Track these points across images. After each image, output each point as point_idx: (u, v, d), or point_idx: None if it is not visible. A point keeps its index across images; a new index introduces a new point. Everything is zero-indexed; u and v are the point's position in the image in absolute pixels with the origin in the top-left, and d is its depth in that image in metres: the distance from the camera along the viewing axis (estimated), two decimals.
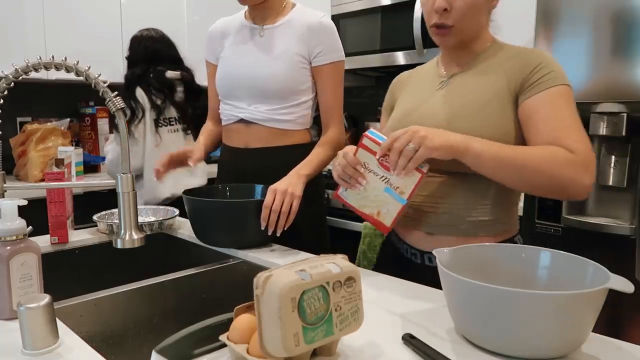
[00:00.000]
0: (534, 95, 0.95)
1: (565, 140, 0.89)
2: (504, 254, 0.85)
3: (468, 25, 1.01)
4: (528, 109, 0.95)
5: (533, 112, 0.94)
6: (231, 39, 1.49)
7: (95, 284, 1.07)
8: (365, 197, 1.01)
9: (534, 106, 0.94)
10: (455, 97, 1.04)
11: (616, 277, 0.68)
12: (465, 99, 1.02)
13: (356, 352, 0.71)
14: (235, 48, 1.47)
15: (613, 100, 1.56)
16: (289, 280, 0.60)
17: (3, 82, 1.01)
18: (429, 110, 1.05)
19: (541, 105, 0.93)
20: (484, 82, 1.01)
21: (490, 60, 1.04)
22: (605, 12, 1.57)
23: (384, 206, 1.00)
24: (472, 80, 1.04)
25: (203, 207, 1.22)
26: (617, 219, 1.62)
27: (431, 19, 1.02)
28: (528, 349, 0.67)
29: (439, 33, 1.02)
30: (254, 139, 1.44)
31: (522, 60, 0.99)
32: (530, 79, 0.96)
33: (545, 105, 0.93)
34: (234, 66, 1.45)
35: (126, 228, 0.93)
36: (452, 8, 0.98)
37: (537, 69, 0.96)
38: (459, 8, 0.98)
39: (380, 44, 2.51)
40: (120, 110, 0.92)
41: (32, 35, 2.44)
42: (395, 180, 0.97)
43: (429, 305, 0.88)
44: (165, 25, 2.97)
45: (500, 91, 0.98)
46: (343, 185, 1.02)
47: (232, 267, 1.17)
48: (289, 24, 1.42)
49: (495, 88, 0.99)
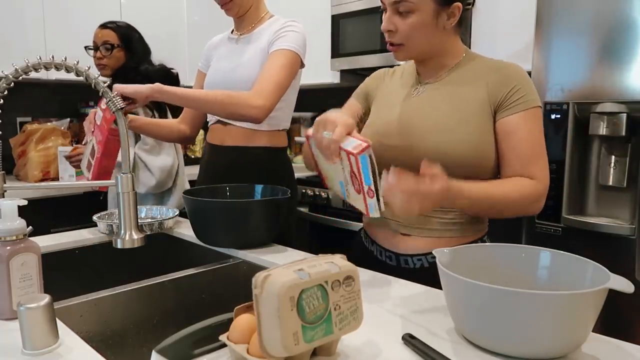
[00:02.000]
0: (513, 115, 1.01)
1: (533, 168, 1.00)
2: (504, 254, 0.85)
3: (416, 44, 1.04)
4: (507, 126, 1.02)
5: (511, 132, 1.01)
6: (219, 49, 1.63)
7: (95, 284, 1.07)
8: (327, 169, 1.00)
9: (513, 126, 1.01)
10: (429, 109, 1.06)
11: (616, 277, 0.68)
12: (440, 111, 1.05)
13: (356, 352, 0.71)
14: (217, 57, 1.62)
15: (613, 100, 1.56)
16: (287, 280, 0.60)
17: (3, 82, 1.01)
18: (406, 120, 1.08)
19: (519, 126, 1.01)
20: (462, 94, 1.05)
21: (466, 72, 1.07)
22: (605, 13, 1.57)
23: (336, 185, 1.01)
24: (447, 91, 1.07)
25: (203, 207, 1.22)
26: (617, 219, 1.62)
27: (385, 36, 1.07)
28: (528, 349, 0.67)
29: (390, 49, 1.08)
30: (229, 137, 1.57)
31: (504, 77, 1.03)
32: (510, 97, 1.02)
33: (523, 127, 1.01)
34: (213, 72, 1.60)
35: (126, 228, 0.93)
36: (397, 29, 1.03)
37: (516, 88, 1.02)
38: (403, 30, 1.03)
39: (381, 44, 2.51)
40: (120, 110, 0.92)
41: (32, 35, 2.43)
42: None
43: (429, 305, 0.88)
44: (165, 25, 2.98)
45: (481, 105, 1.03)
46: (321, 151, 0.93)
47: (232, 267, 1.17)
48: (261, 32, 1.53)
49: (475, 101, 1.03)
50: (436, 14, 1.02)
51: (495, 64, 1.07)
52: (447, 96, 1.06)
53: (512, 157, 1.01)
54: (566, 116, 1.65)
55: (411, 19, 1.01)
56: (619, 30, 1.54)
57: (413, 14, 1.01)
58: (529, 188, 0.99)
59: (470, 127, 1.02)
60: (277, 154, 1.59)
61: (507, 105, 1.02)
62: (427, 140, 1.03)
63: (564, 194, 1.67)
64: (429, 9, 1.01)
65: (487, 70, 1.05)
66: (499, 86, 1.02)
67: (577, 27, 1.63)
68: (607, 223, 1.59)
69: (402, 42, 1.04)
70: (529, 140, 1.01)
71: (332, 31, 2.71)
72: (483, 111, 1.03)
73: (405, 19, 1.02)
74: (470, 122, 1.02)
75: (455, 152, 1.01)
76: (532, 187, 0.99)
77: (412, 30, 1.02)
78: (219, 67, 1.59)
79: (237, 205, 1.21)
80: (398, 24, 1.03)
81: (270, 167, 1.57)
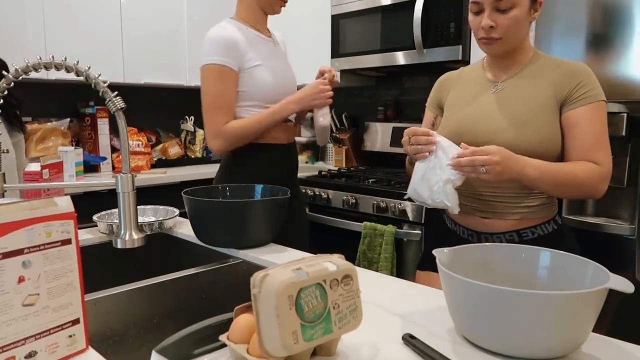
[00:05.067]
0: (577, 108, 1.11)
1: (597, 155, 1.10)
2: (504, 254, 0.85)
3: (512, 37, 1.14)
4: (571, 119, 1.12)
5: (575, 124, 1.11)
6: (257, 48, 1.60)
7: (95, 284, 1.07)
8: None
9: (577, 118, 1.11)
10: (508, 105, 1.17)
11: (616, 277, 0.68)
12: (517, 106, 1.15)
13: (356, 352, 0.71)
14: (264, 57, 1.60)
15: (613, 100, 1.56)
16: (285, 278, 0.60)
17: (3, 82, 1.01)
18: (483, 116, 1.19)
19: (582, 118, 1.11)
20: (533, 91, 1.15)
21: (535, 69, 1.18)
22: (605, 13, 1.57)
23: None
24: (521, 87, 1.17)
25: (203, 207, 1.22)
26: (617, 219, 1.62)
27: (479, 33, 1.16)
28: (528, 348, 0.67)
29: (486, 43, 1.16)
30: (292, 134, 1.70)
31: (568, 73, 1.13)
32: (575, 92, 1.12)
33: (586, 119, 1.11)
34: (271, 72, 1.60)
35: (126, 228, 0.93)
36: (497, 25, 1.12)
37: (581, 84, 1.12)
38: (504, 25, 1.12)
39: (380, 44, 2.51)
40: (120, 110, 0.92)
41: (32, 35, 2.44)
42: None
43: (429, 305, 0.89)
44: (166, 24, 2.98)
45: (549, 100, 1.13)
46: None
47: (232, 267, 1.17)
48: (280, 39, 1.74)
49: (544, 97, 1.14)
50: (530, 7, 1.13)
51: (560, 62, 1.17)
52: (521, 92, 1.16)
53: (577, 146, 1.11)
54: None
55: (512, 13, 1.11)
56: (618, 30, 1.54)
57: (514, 9, 1.11)
58: (593, 170, 1.09)
59: (540, 122, 1.12)
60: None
61: (572, 100, 1.12)
62: (502, 136, 1.13)
63: None
64: (525, 3, 1.12)
65: (554, 68, 1.15)
66: (565, 82, 1.12)
67: (577, 27, 1.63)
68: (607, 223, 1.59)
69: (501, 36, 1.13)
70: (592, 131, 1.10)
71: (332, 31, 2.71)
72: (551, 106, 1.13)
73: (506, 14, 1.11)
74: (540, 117, 1.12)
75: (525, 146, 1.10)
76: (597, 169, 1.09)
77: (514, 23, 1.12)
78: (275, 67, 1.61)
79: (237, 205, 1.21)
80: (498, 20, 1.12)
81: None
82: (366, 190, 2.29)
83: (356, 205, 2.30)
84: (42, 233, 0.66)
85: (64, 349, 0.69)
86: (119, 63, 2.79)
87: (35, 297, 0.65)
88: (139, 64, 2.87)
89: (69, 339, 0.69)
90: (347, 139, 3.03)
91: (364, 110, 3.14)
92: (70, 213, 0.70)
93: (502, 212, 1.17)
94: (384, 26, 2.50)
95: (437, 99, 1.34)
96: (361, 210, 2.29)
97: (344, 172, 2.65)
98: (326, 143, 1.70)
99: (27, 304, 0.64)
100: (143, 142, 2.95)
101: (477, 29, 1.16)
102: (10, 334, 0.62)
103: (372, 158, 2.99)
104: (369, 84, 3.07)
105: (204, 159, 3.34)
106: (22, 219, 0.64)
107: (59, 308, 0.68)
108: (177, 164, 3.17)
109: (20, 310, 0.64)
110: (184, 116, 3.35)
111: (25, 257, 0.64)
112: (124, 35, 2.79)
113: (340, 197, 2.37)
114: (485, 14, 1.13)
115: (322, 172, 2.68)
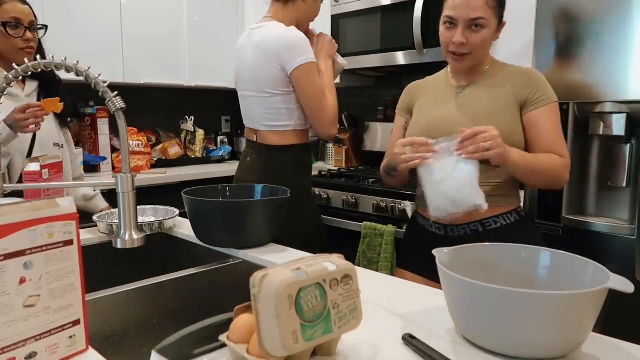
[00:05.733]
0: (537, 109, 1.26)
1: (558, 148, 1.25)
2: (504, 254, 0.85)
3: (479, 53, 1.27)
4: (532, 118, 1.26)
5: (536, 122, 1.26)
6: None
7: (95, 284, 1.07)
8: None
9: (536, 118, 1.26)
10: (471, 106, 1.29)
11: (616, 277, 0.68)
12: (480, 107, 1.28)
13: (356, 352, 0.71)
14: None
15: (613, 100, 1.56)
16: (285, 278, 0.60)
17: (3, 82, 1.01)
18: (448, 116, 1.30)
19: (542, 117, 1.25)
20: (494, 93, 1.28)
21: (495, 75, 1.31)
22: (605, 13, 1.57)
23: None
24: (483, 91, 1.30)
25: (203, 207, 1.22)
26: (617, 219, 1.62)
27: (449, 47, 1.27)
28: (528, 348, 0.67)
29: (456, 59, 1.28)
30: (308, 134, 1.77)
31: (527, 79, 1.28)
32: (534, 95, 1.26)
33: (545, 118, 1.25)
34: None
35: (126, 228, 0.93)
36: (468, 42, 1.24)
37: (538, 88, 1.26)
38: (474, 43, 1.24)
39: (380, 44, 2.51)
40: (120, 110, 0.92)
41: None
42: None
43: (429, 305, 0.89)
44: (165, 25, 2.98)
45: (509, 101, 1.27)
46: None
47: (232, 267, 1.17)
48: None
49: (504, 98, 1.27)
50: (496, 29, 1.27)
51: (518, 69, 1.31)
52: (482, 95, 1.29)
53: (540, 141, 1.25)
54: (566, 116, 1.65)
55: (482, 32, 1.24)
56: (618, 30, 1.54)
57: (484, 29, 1.24)
58: (558, 160, 1.24)
59: (502, 119, 1.24)
60: None
61: (532, 102, 1.26)
62: None
63: (564, 194, 1.67)
64: (494, 25, 1.25)
65: (512, 74, 1.30)
66: (524, 87, 1.27)
67: (576, 27, 1.63)
68: (607, 223, 1.59)
69: (470, 52, 1.26)
70: (552, 128, 1.25)
71: (332, 31, 2.70)
72: (511, 106, 1.26)
73: (477, 33, 1.24)
74: (501, 114, 1.25)
75: None
76: (560, 160, 1.24)
77: (482, 42, 1.25)
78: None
79: (237, 205, 1.21)
80: (470, 37, 1.24)
81: None
82: (366, 190, 2.29)
83: (356, 205, 2.30)
84: (44, 234, 0.66)
85: (64, 349, 0.69)
86: (119, 63, 2.79)
87: (37, 298, 0.65)
88: (139, 64, 2.87)
89: (70, 339, 0.69)
90: (347, 139, 3.03)
91: (364, 110, 3.14)
92: (72, 214, 0.70)
93: None
94: (384, 26, 2.50)
95: (407, 104, 1.45)
96: (361, 210, 2.29)
97: (344, 172, 2.65)
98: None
99: (28, 305, 0.64)
100: (143, 142, 2.95)
101: (448, 43, 1.26)
102: (10, 335, 0.62)
103: (372, 158, 2.99)
104: (369, 84, 3.07)
105: (204, 159, 3.34)
106: (24, 220, 0.64)
107: (59, 309, 0.68)
108: (177, 164, 3.17)
109: (21, 311, 0.64)
110: (184, 116, 3.35)
111: (27, 259, 0.64)
112: (124, 35, 2.79)
113: (340, 197, 2.37)
114: (458, 30, 1.23)
115: (322, 172, 2.68)
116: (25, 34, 1.65)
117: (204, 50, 3.14)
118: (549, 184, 1.28)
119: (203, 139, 3.38)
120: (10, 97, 1.62)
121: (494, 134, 1.10)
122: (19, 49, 1.64)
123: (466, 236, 1.28)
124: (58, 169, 1.48)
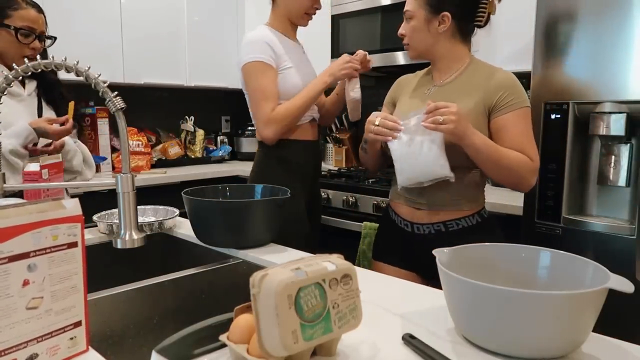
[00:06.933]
0: (505, 115, 1.26)
1: (527, 151, 1.25)
2: (504, 254, 0.85)
3: (415, 44, 1.36)
4: (499, 124, 1.26)
5: (503, 127, 1.26)
6: (291, 53, 1.71)
7: (95, 284, 1.07)
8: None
9: (504, 122, 1.26)
10: None
11: (616, 277, 0.68)
12: None
13: (356, 352, 0.71)
14: (296, 62, 1.72)
15: (613, 100, 1.56)
16: (284, 278, 0.60)
17: (3, 82, 1.01)
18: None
19: (509, 122, 1.25)
20: (461, 96, 1.29)
21: (470, 76, 1.33)
22: (605, 13, 1.57)
23: None
24: (450, 92, 1.32)
25: (203, 207, 1.22)
26: (617, 219, 1.62)
27: None
28: (528, 348, 0.68)
29: (405, 48, 1.40)
30: (316, 132, 1.83)
31: (497, 83, 1.27)
32: (502, 100, 1.26)
33: (513, 123, 1.25)
34: (303, 77, 1.71)
35: (126, 228, 0.93)
36: (405, 33, 1.36)
37: (508, 92, 1.26)
38: (407, 33, 1.36)
39: (380, 44, 2.51)
40: (120, 110, 0.92)
41: None
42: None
43: (429, 305, 0.89)
44: (165, 25, 2.98)
45: (476, 105, 1.27)
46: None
47: (232, 267, 1.17)
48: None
49: (471, 102, 1.27)
50: (427, 20, 1.32)
51: (494, 71, 1.31)
52: (449, 96, 1.30)
53: (505, 145, 1.24)
54: (566, 116, 1.65)
55: (410, 24, 1.34)
56: (618, 30, 1.54)
57: (412, 20, 1.33)
58: (526, 160, 1.24)
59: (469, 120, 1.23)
60: None
61: (500, 107, 1.26)
62: None
63: (564, 194, 1.67)
64: (421, 16, 1.32)
65: (486, 76, 1.30)
66: (492, 91, 1.27)
67: (577, 27, 1.63)
68: (607, 223, 1.59)
69: (408, 42, 1.37)
70: (520, 133, 1.25)
71: (332, 31, 2.71)
72: (477, 111, 1.26)
73: (408, 24, 1.35)
74: (468, 116, 1.22)
75: None
76: (529, 162, 1.24)
77: (412, 32, 1.35)
78: (304, 71, 1.74)
79: (237, 205, 1.21)
80: (405, 29, 1.36)
81: None
82: (366, 190, 2.29)
83: (356, 205, 2.30)
84: (48, 236, 0.66)
85: (64, 351, 0.69)
86: (119, 63, 2.79)
87: (39, 300, 0.65)
88: (139, 64, 2.87)
89: (70, 341, 0.69)
90: (347, 139, 3.03)
91: (364, 110, 3.13)
92: (77, 216, 0.70)
93: (432, 204, 1.32)
94: (383, 26, 2.50)
95: (392, 97, 1.51)
96: (361, 210, 2.29)
97: (344, 172, 2.65)
98: (359, 118, 1.77)
99: (30, 307, 0.64)
100: (143, 142, 2.95)
101: None
102: (12, 337, 0.62)
103: None
104: (369, 84, 3.07)
105: (203, 159, 3.34)
106: (29, 222, 0.64)
107: (61, 311, 0.68)
108: (177, 164, 3.17)
109: (23, 313, 0.63)
110: (184, 116, 3.35)
111: (31, 261, 0.64)
112: (124, 35, 2.79)
113: (340, 197, 2.37)
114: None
115: (322, 172, 2.68)
116: (34, 42, 1.65)
117: (204, 50, 3.14)
118: (514, 183, 1.26)
119: (203, 139, 3.38)
120: (13, 96, 1.62)
121: (452, 111, 1.14)
122: (24, 56, 1.64)
123: (430, 235, 1.33)
124: (58, 169, 1.48)
